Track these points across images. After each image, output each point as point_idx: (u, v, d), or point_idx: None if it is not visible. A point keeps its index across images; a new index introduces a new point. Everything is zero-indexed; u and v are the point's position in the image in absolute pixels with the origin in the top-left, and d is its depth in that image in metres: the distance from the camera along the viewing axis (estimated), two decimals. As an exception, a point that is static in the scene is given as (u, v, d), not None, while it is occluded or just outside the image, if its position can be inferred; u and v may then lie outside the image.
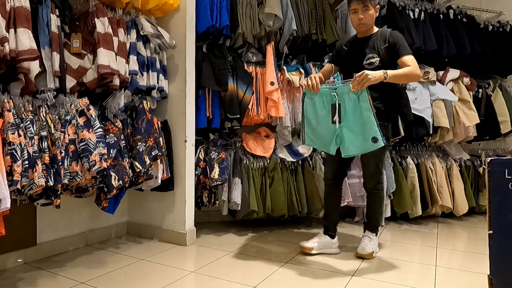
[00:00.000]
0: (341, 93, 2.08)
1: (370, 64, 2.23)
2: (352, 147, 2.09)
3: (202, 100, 2.76)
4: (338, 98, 2.08)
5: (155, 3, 2.38)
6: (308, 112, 2.20)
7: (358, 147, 2.08)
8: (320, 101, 2.15)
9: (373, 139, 2.00)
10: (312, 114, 2.18)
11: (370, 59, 2.24)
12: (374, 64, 2.22)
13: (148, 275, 2.03)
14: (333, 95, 2.09)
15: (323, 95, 2.14)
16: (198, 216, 2.80)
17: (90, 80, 2.04)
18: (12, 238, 2.02)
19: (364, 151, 2.10)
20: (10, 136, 1.62)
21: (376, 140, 1.99)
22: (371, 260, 2.30)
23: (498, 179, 1.41)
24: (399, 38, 2.25)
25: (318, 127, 2.17)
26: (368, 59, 2.25)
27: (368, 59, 2.25)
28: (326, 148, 2.18)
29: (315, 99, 2.16)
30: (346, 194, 3.05)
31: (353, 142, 2.07)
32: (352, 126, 2.07)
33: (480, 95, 3.61)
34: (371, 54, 2.25)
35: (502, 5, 3.91)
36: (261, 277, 2.00)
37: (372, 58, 2.24)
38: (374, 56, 2.24)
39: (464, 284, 1.97)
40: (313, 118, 2.18)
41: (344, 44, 2.42)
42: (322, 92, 2.14)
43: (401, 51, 2.19)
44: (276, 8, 2.86)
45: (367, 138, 2.02)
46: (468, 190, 3.47)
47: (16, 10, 1.68)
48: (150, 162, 2.30)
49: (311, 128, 2.20)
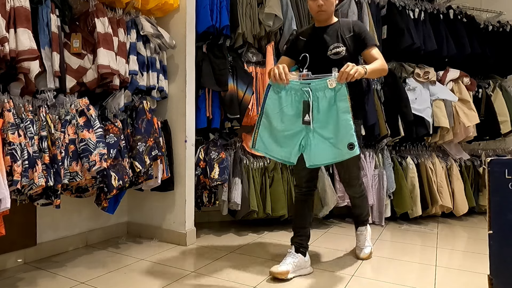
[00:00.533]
0: (315, 90, 1.79)
1: (336, 54, 2.01)
2: (322, 155, 1.78)
3: (202, 100, 2.76)
4: (311, 94, 1.79)
5: (155, 3, 2.38)
6: (269, 109, 1.85)
7: (329, 155, 1.77)
8: (287, 97, 1.83)
9: (350, 146, 1.71)
10: (274, 111, 1.84)
11: (335, 49, 2.01)
12: (341, 54, 2.00)
13: (148, 275, 2.03)
14: (306, 91, 1.79)
15: (292, 90, 1.83)
16: (198, 216, 2.80)
17: (90, 80, 2.04)
18: (12, 238, 2.02)
19: (336, 160, 1.80)
20: (10, 136, 1.62)
21: (353, 147, 1.71)
22: (371, 260, 2.30)
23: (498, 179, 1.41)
24: (364, 28, 2.10)
25: (280, 128, 1.83)
26: (333, 48, 2.02)
27: (333, 48, 2.02)
28: (283, 155, 1.83)
29: (282, 94, 1.83)
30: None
31: (324, 149, 1.77)
32: (324, 130, 1.77)
33: (480, 95, 3.61)
34: (336, 44, 2.02)
35: (502, 5, 3.91)
36: (261, 277, 2.00)
37: (338, 47, 2.02)
38: (340, 46, 2.02)
39: (464, 284, 1.97)
40: (275, 116, 1.84)
41: (301, 35, 2.16)
42: (292, 86, 1.83)
43: (368, 42, 2.02)
44: (276, 8, 2.86)
45: (341, 144, 1.73)
46: (468, 190, 3.47)
47: (16, 10, 1.68)
48: (150, 162, 2.31)
49: (268, 129, 1.85)
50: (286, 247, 2.15)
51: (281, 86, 1.82)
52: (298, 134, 1.81)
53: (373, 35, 2.04)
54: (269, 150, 1.86)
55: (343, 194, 3.04)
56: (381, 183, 3.14)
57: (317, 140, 1.78)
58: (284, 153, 1.84)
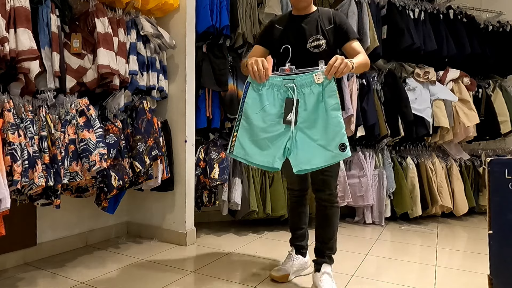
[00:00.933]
0: (300, 85, 1.62)
1: (316, 47, 1.83)
2: (311, 159, 1.59)
3: (202, 100, 2.76)
4: (296, 91, 1.62)
5: (155, 3, 2.38)
6: (249, 109, 1.65)
7: (319, 158, 1.58)
8: (269, 95, 1.65)
9: (341, 147, 1.55)
10: (255, 111, 1.65)
11: (315, 41, 1.83)
12: (321, 47, 1.82)
13: (148, 275, 2.03)
14: (290, 87, 1.62)
15: (274, 87, 1.65)
16: (198, 216, 2.80)
17: (90, 80, 2.04)
18: (12, 238, 2.02)
19: (327, 164, 1.60)
20: (10, 136, 1.62)
21: (345, 147, 1.56)
22: (371, 260, 2.30)
23: (498, 179, 1.41)
24: (345, 19, 1.92)
25: (262, 130, 1.64)
26: (313, 41, 1.83)
27: (313, 41, 1.83)
28: (266, 160, 1.63)
29: (263, 92, 1.65)
30: (346, 194, 3.05)
31: (312, 151, 1.59)
32: (312, 129, 1.60)
33: (480, 95, 3.61)
34: (316, 36, 1.84)
35: (502, 5, 3.91)
36: (261, 277, 2.00)
37: (318, 40, 1.84)
38: (320, 38, 1.84)
39: (464, 284, 1.97)
40: (256, 117, 1.65)
41: (277, 23, 1.96)
42: (273, 82, 1.65)
43: (350, 35, 1.85)
44: (276, 8, 2.86)
45: (332, 145, 1.56)
46: (468, 190, 3.47)
47: (16, 10, 1.68)
48: (150, 162, 2.30)
49: (248, 132, 1.65)
50: (287, 247, 2.15)
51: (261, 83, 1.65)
52: (282, 136, 1.62)
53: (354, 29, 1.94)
54: (249, 156, 1.64)
55: (343, 194, 3.04)
56: (381, 183, 3.14)
57: (304, 142, 1.60)
58: (267, 159, 1.62)
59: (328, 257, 1.87)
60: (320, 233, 1.90)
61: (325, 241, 1.87)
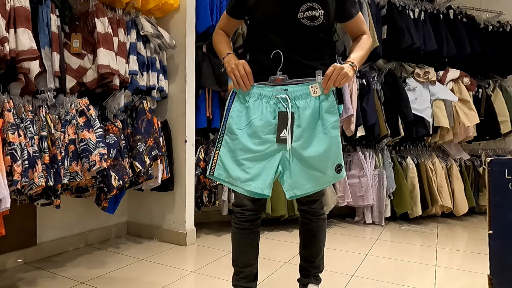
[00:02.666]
0: (294, 98, 1.36)
1: (311, 18, 1.36)
2: (306, 183, 1.36)
3: (202, 100, 2.76)
4: (290, 103, 1.35)
5: (155, 3, 2.38)
6: (233, 123, 1.39)
7: (314, 182, 1.37)
8: (257, 107, 1.38)
9: (337, 168, 1.37)
10: (240, 126, 1.39)
11: (309, 11, 1.36)
12: (318, 19, 1.37)
13: (148, 275, 2.03)
14: (282, 98, 1.35)
15: (263, 98, 1.38)
16: (198, 216, 2.80)
17: (90, 80, 2.04)
18: (12, 238, 2.02)
19: (322, 187, 1.43)
20: (10, 136, 1.62)
21: (341, 168, 1.38)
22: (371, 260, 2.30)
23: (498, 179, 1.41)
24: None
25: (248, 149, 1.37)
26: (306, 9, 1.36)
27: (306, 9, 1.36)
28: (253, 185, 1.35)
29: (250, 103, 1.39)
30: (346, 194, 3.05)
31: (306, 175, 1.36)
32: (307, 149, 1.35)
33: (480, 95, 3.61)
34: (311, 3, 1.36)
35: (502, 5, 3.91)
36: (261, 277, 2.00)
37: (313, 9, 1.36)
38: (315, 7, 1.36)
39: (464, 284, 1.97)
40: (241, 133, 1.38)
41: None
42: (262, 93, 1.38)
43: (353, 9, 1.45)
44: (276, 8, 2.85)
45: (329, 167, 1.36)
46: (468, 190, 3.47)
47: (16, 10, 1.68)
48: (150, 162, 2.30)
49: (232, 150, 1.39)
50: (287, 247, 2.15)
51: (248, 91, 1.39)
52: (272, 156, 1.37)
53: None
54: (233, 179, 1.38)
55: (343, 194, 3.04)
56: (381, 183, 3.14)
57: (296, 164, 1.36)
58: (255, 183, 1.36)
59: (314, 277, 1.62)
60: (304, 250, 1.62)
61: (309, 260, 1.61)
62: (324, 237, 1.62)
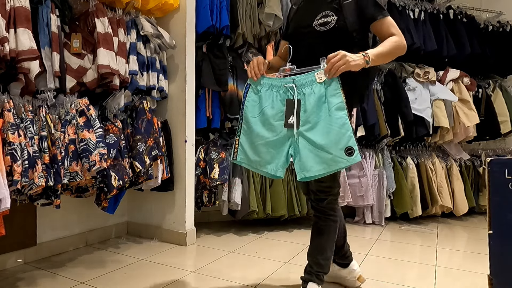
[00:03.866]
0: (300, 85, 1.48)
1: (323, 24, 1.55)
2: (315, 165, 1.43)
3: (202, 100, 2.76)
4: (296, 91, 1.48)
5: (155, 3, 2.38)
6: (249, 112, 1.56)
7: (323, 164, 1.43)
8: (268, 96, 1.53)
9: (348, 151, 1.40)
10: (254, 114, 1.55)
11: (323, 18, 1.55)
12: (329, 24, 1.53)
13: (148, 275, 2.03)
14: (289, 87, 1.49)
15: (273, 88, 1.53)
16: (198, 216, 2.80)
17: (90, 80, 2.04)
18: (12, 238, 2.02)
19: (332, 170, 1.44)
20: (10, 136, 1.62)
21: (352, 152, 1.40)
22: (371, 260, 2.30)
23: (498, 179, 1.41)
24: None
25: (262, 135, 1.52)
26: (321, 17, 1.56)
27: (321, 17, 1.56)
28: (269, 167, 1.51)
29: (262, 93, 1.55)
30: (346, 194, 3.05)
31: (315, 157, 1.44)
32: (314, 133, 1.45)
33: (480, 95, 3.61)
34: (325, 12, 1.56)
35: (502, 5, 3.91)
36: (261, 277, 2.00)
37: (327, 16, 1.54)
38: (329, 14, 1.54)
39: (464, 284, 1.97)
40: (255, 121, 1.54)
41: (295, 3, 1.74)
42: (272, 83, 1.54)
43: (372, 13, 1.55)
44: (276, 8, 2.86)
45: (337, 149, 1.41)
46: (468, 190, 3.47)
47: (16, 10, 1.68)
48: (150, 162, 2.31)
49: (249, 137, 1.55)
50: (287, 247, 2.14)
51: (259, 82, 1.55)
52: (283, 141, 1.50)
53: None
54: (252, 162, 1.54)
55: (343, 194, 3.04)
56: (381, 183, 3.14)
57: (304, 146, 1.45)
58: (270, 166, 1.51)
59: (316, 276, 1.62)
60: (310, 245, 1.69)
61: (313, 255, 1.65)
62: (331, 238, 1.65)
